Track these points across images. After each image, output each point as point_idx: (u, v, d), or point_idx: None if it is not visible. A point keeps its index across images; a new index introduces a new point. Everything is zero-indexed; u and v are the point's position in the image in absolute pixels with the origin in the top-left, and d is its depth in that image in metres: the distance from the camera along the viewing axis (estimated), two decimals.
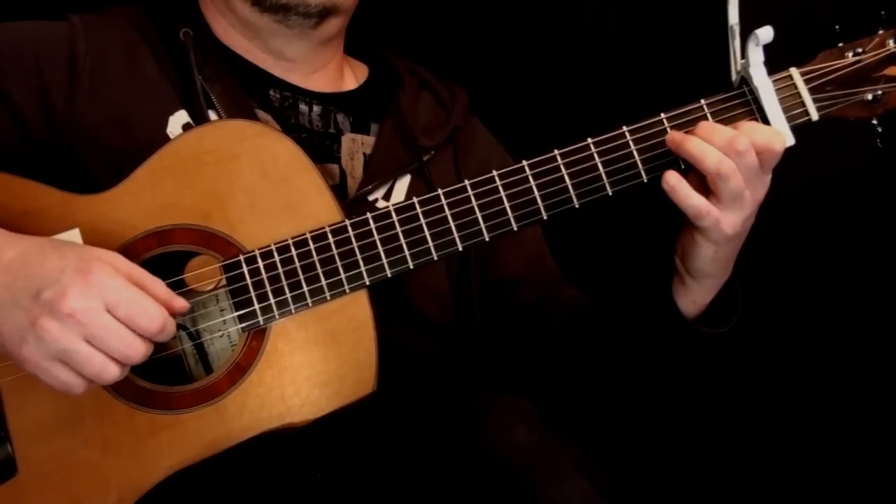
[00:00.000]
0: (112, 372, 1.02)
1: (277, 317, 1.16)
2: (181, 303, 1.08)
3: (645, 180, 1.18)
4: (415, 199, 1.18)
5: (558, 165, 1.17)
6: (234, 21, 1.39)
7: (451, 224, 1.17)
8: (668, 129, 1.17)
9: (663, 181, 1.14)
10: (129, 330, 1.02)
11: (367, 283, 1.17)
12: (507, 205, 1.17)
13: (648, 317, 1.28)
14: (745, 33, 1.16)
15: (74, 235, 1.15)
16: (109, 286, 1.01)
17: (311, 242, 1.16)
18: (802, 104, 1.18)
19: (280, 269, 1.16)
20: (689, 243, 1.20)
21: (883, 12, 1.20)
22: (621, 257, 1.51)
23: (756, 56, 1.16)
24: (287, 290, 1.15)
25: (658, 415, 1.78)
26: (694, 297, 1.24)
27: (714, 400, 1.78)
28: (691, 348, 1.28)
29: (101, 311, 1.00)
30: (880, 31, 1.19)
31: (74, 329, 1.00)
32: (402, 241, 1.17)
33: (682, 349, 1.28)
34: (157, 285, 1.07)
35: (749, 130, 1.13)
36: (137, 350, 1.02)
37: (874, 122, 1.20)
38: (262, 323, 1.15)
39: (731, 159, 1.11)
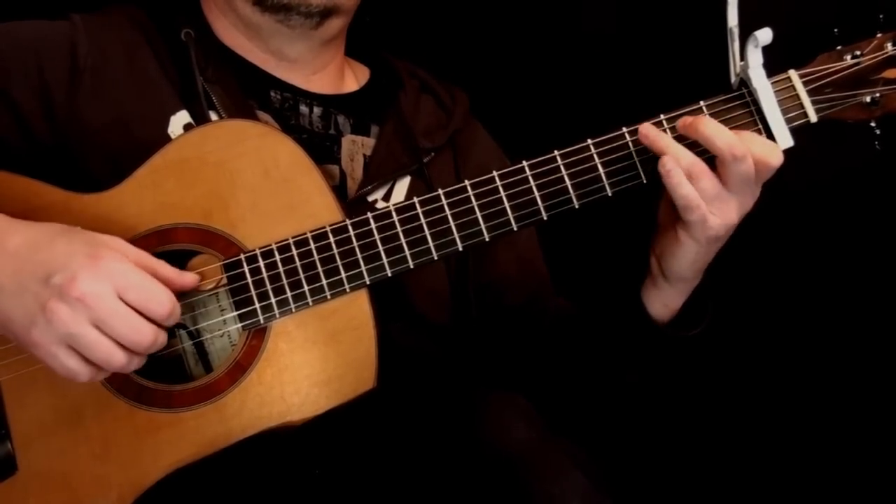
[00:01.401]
0: (119, 358, 1.02)
1: (278, 316, 1.16)
2: (191, 277, 1.10)
3: (644, 181, 1.18)
4: (415, 199, 1.18)
5: (558, 166, 1.18)
6: (235, 21, 1.39)
7: (452, 224, 1.18)
8: (668, 131, 1.17)
9: (660, 164, 1.13)
10: (137, 315, 1.02)
11: (368, 283, 1.17)
12: (507, 205, 1.18)
13: (618, 319, 1.28)
14: (745, 35, 1.16)
15: None
16: (119, 271, 1.02)
17: (311, 242, 1.17)
18: (801, 106, 1.18)
19: (281, 269, 1.16)
20: (672, 242, 1.19)
21: (881, 15, 1.20)
22: (599, 261, 1.51)
23: (755, 58, 1.16)
24: (288, 290, 1.16)
25: (656, 414, 1.78)
26: (665, 300, 1.24)
27: (712, 399, 1.79)
28: (660, 351, 1.28)
29: (110, 295, 1.01)
30: (878, 34, 1.19)
31: (84, 313, 1.00)
32: (403, 240, 1.17)
33: (651, 352, 1.28)
34: (164, 267, 1.08)
35: (748, 140, 1.13)
36: (145, 336, 1.02)
37: (872, 124, 1.21)
38: (262, 322, 1.16)
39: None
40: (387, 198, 1.40)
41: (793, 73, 1.19)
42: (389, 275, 1.17)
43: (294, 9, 1.34)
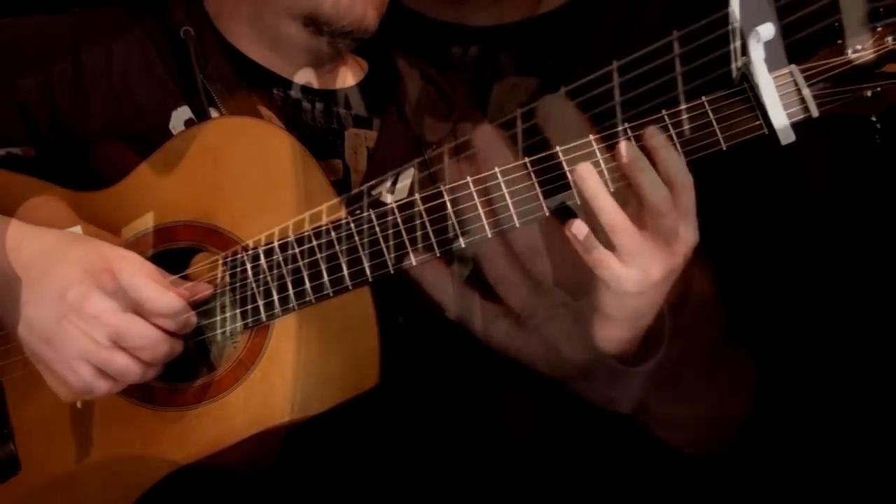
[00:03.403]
0: (136, 370, 1.05)
1: (280, 313, 1.16)
2: (204, 288, 1.11)
3: None
4: (417, 195, 1.18)
5: (560, 163, 1.18)
6: (259, 31, 1.37)
7: (454, 220, 1.18)
8: (670, 126, 1.17)
9: (566, 229, 1.09)
10: (153, 328, 1.04)
11: (370, 279, 1.17)
12: (509, 201, 1.17)
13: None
14: (746, 30, 1.16)
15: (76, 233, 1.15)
16: (133, 285, 1.04)
17: (313, 239, 1.16)
18: (803, 101, 1.17)
19: (282, 266, 1.16)
20: (594, 286, 1.13)
21: (882, 9, 1.19)
22: None
23: (756, 53, 1.16)
24: (290, 287, 1.15)
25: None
26: (608, 335, 1.15)
27: None
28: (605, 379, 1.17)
29: (125, 310, 1.02)
30: (880, 28, 1.19)
31: (99, 329, 1.02)
32: (405, 236, 1.17)
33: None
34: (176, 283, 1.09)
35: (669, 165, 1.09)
36: (161, 348, 1.05)
37: (873, 118, 1.20)
38: (264, 319, 1.16)
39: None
40: (391, 189, 1.40)
41: (794, 68, 1.18)
42: (392, 271, 1.17)
43: (350, 34, 1.34)
